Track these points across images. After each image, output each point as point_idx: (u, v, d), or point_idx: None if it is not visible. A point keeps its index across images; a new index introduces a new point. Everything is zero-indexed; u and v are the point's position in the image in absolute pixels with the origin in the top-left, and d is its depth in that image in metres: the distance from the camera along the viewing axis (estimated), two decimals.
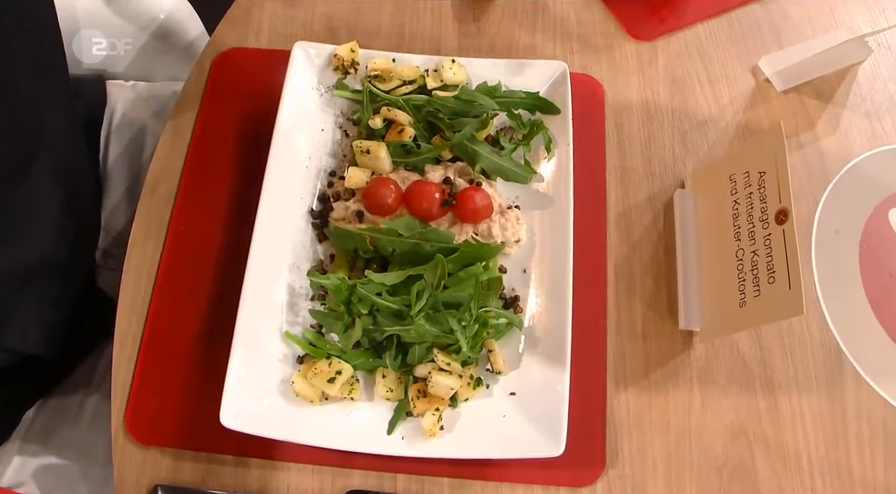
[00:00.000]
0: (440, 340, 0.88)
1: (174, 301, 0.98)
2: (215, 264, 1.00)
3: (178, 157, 1.07)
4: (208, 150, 1.07)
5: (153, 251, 1.01)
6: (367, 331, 0.89)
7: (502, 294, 0.95)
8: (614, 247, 1.03)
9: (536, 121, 1.02)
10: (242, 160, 1.06)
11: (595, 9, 1.20)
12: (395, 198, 0.94)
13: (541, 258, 0.97)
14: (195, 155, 1.07)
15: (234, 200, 1.03)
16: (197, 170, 1.06)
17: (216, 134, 1.08)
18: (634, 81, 1.15)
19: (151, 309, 0.98)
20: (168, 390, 0.94)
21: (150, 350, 0.96)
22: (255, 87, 1.11)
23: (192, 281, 0.99)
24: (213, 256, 1.00)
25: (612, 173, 1.08)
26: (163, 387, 0.94)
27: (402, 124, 0.99)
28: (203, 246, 1.01)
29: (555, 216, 0.98)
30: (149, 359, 0.95)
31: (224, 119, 1.09)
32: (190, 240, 1.02)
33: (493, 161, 0.97)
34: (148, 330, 0.97)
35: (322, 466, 0.90)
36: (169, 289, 0.99)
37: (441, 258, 0.87)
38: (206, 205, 1.03)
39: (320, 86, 1.05)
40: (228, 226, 1.02)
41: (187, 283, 0.99)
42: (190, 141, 1.08)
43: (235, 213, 1.02)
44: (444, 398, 0.88)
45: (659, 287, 1.01)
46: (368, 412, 0.89)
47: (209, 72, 1.13)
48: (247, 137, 1.07)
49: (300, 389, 0.87)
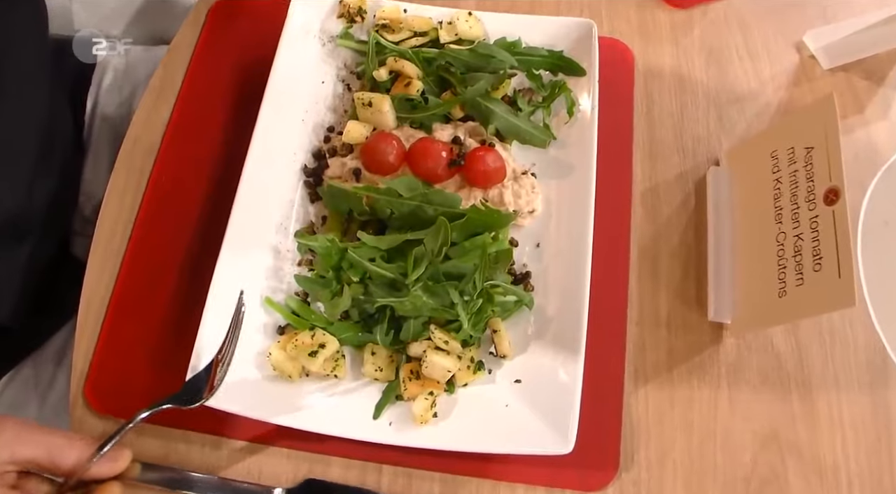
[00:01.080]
0: (438, 315, 0.75)
1: (149, 260, 0.87)
2: (196, 222, 0.88)
3: (165, 108, 0.95)
4: (198, 102, 0.95)
5: (130, 205, 0.90)
6: (357, 302, 0.76)
7: (512, 269, 0.83)
8: (639, 226, 0.90)
9: (558, 82, 0.89)
10: (234, 113, 0.94)
11: None
12: (398, 155, 0.81)
13: (557, 232, 0.84)
14: (183, 106, 0.95)
15: (222, 155, 0.91)
16: (184, 122, 0.94)
17: (208, 85, 0.96)
18: (667, 50, 1.02)
19: (123, 268, 0.86)
20: (134, 356, 0.82)
21: (119, 311, 0.84)
22: (252, 38, 0.99)
23: (170, 239, 0.87)
24: (194, 213, 0.88)
25: (639, 145, 0.95)
26: (129, 353, 0.82)
27: (410, 77, 0.86)
28: (185, 201, 0.89)
29: (574, 187, 0.85)
30: (116, 322, 0.83)
31: (217, 70, 0.97)
32: (171, 194, 0.90)
33: (508, 121, 0.85)
34: (118, 290, 0.85)
35: (298, 451, 0.78)
36: (144, 248, 0.87)
37: (444, 221, 0.74)
38: (191, 158, 0.92)
39: (322, 36, 0.93)
40: (213, 182, 0.90)
41: (165, 241, 0.87)
42: (179, 91, 0.96)
43: (222, 169, 0.90)
44: (439, 381, 0.75)
45: (687, 273, 0.88)
46: (354, 393, 0.76)
47: (204, 21, 1.01)
48: (240, 90, 0.95)
49: (278, 362, 0.75)
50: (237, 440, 0.78)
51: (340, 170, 0.84)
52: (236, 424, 0.77)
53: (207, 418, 0.75)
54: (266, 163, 0.84)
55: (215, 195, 0.88)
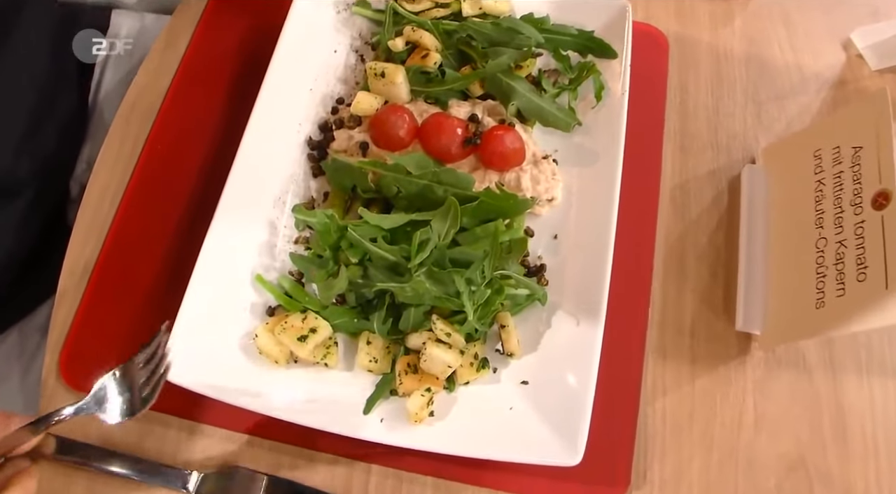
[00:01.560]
0: (442, 305, 0.68)
1: (138, 230, 0.80)
2: (190, 193, 0.81)
3: (167, 74, 0.88)
4: (201, 68, 0.89)
5: (123, 171, 0.83)
6: (355, 285, 0.69)
7: (525, 261, 0.75)
8: (666, 224, 0.82)
9: (587, 64, 0.82)
10: (238, 82, 0.87)
11: None
12: (409, 130, 0.74)
13: (577, 224, 0.77)
14: (186, 72, 0.88)
15: (223, 125, 0.84)
16: (185, 89, 0.87)
17: (213, 51, 0.90)
18: (705, 40, 0.94)
19: (110, 237, 0.79)
20: (114, 330, 0.75)
21: (102, 282, 0.77)
22: (263, 3, 0.92)
23: (161, 209, 0.81)
24: (189, 183, 0.81)
25: (670, 138, 0.87)
26: (109, 327, 0.75)
27: (428, 48, 0.79)
28: (180, 171, 0.82)
29: (599, 177, 0.77)
30: (98, 293, 0.77)
31: (224, 35, 0.91)
32: (166, 163, 0.83)
33: (531, 100, 0.77)
34: (102, 259, 0.78)
35: (282, 444, 0.71)
36: (134, 217, 0.81)
37: (454, 202, 0.67)
38: (189, 126, 0.85)
39: (337, 2, 0.86)
40: (211, 153, 0.83)
41: (155, 212, 0.80)
42: (183, 57, 0.90)
43: (221, 139, 0.83)
44: (438, 377, 0.68)
45: (715, 277, 0.80)
46: (345, 384, 0.69)
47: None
48: (247, 57, 0.89)
49: (264, 345, 0.68)
50: (217, 427, 0.71)
51: (346, 144, 0.77)
52: (216, 410, 0.70)
53: (186, 402, 0.68)
54: (268, 133, 0.77)
55: (212, 166, 0.81)
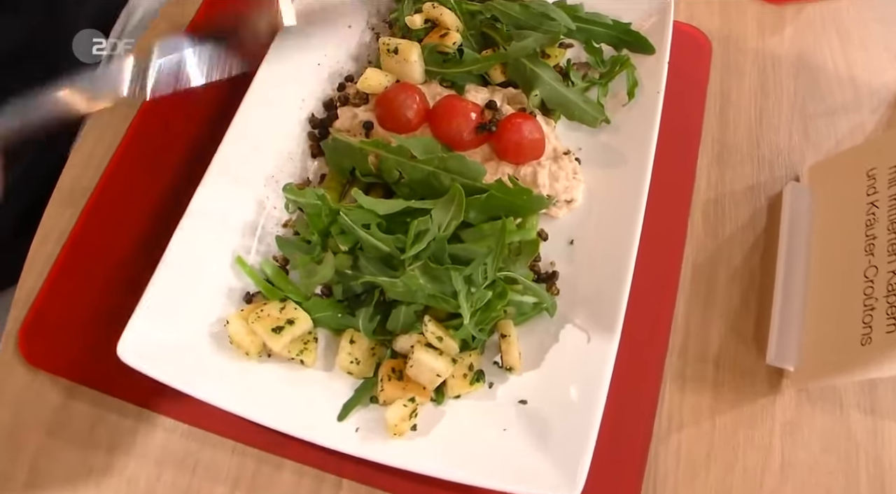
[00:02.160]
0: (436, 305, 0.59)
1: (121, 200, 0.73)
2: (181, 164, 0.74)
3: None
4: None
5: (113, 136, 0.77)
6: (343, 277, 0.62)
7: (536, 266, 0.67)
8: (697, 240, 0.74)
9: (621, 58, 0.74)
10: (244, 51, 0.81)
11: None
12: (419, 112, 0.67)
13: (596, 231, 0.69)
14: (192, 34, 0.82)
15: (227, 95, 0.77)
16: None
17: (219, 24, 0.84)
18: (751, 46, 0.86)
19: (88, 206, 0.73)
20: (81, 305, 0.68)
21: (75, 252, 0.70)
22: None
23: (148, 179, 0.74)
24: (182, 153, 0.74)
25: (707, 147, 0.79)
26: (76, 301, 0.68)
27: (447, 27, 0.72)
28: (175, 139, 0.75)
29: (625, 181, 0.69)
30: (69, 263, 0.70)
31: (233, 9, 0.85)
32: (161, 130, 0.76)
33: (556, 90, 0.69)
34: (78, 229, 0.72)
35: (247, 446, 0.63)
36: (118, 185, 0.74)
37: (459, 189, 0.59)
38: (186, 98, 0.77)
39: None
40: (205, 127, 0.76)
41: (142, 181, 0.74)
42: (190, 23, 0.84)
43: (217, 114, 0.76)
44: (425, 387, 0.59)
45: (747, 302, 0.71)
46: (321, 385, 0.61)
47: None
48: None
49: (235, 334, 0.60)
50: (177, 421, 0.64)
51: (350, 123, 0.69)
52: (178, 402, 0.62)
53: (146, 390, 0.60)
54: (267, 106, 0.70)
55: (209, 139, 0.73)
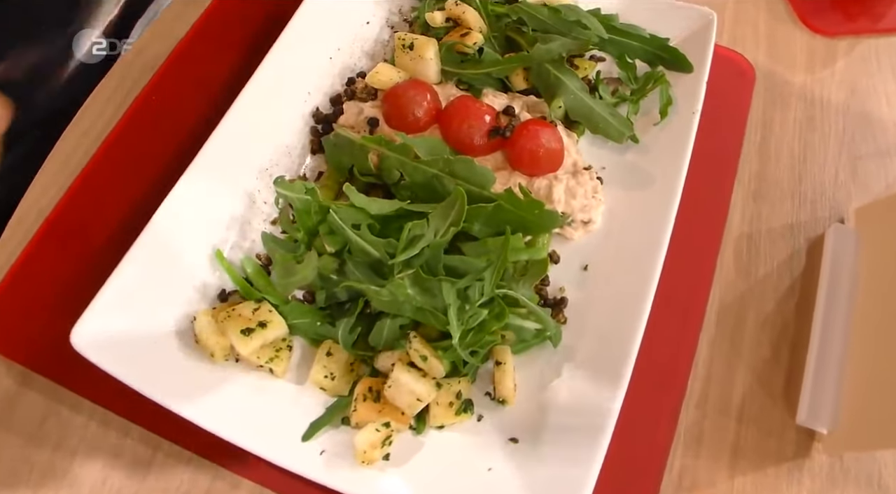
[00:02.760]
0: (425, 320, 0.53)
1: (106, 184, 0.68)
2: (175, 153, 0.68)
3: (184, 22, 0.78)
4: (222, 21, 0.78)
5: (109, 118, 0.73)
6: (327, 282, 0.55)
7: (543, 289, 0.60)
8: (726, 278, 0.66)
9: (656, 74, 0.68)
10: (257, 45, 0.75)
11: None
12: (429, 111, 0.61)
13: (614, 258, 0.62)
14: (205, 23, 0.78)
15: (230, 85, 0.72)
16: (199, 41, 0.76)
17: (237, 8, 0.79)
18: (799, 78, 0.79)
19: (74, 187, 0.68)
20: (49, 290, 0.63)
21: (50, 235, 0.66)
22: None
23: (139, 166, 0.69)
24: (176, 142, 0.69)
25: (744, 179, 0.72)
26: (44, 285, 0.63)
27: (469, 26, 0.67)
28: (171, 127, 0.71)
29: (650, 206, 0.62)
30: (42, 246, 0.65)
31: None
32: (157, 116, 0.72)
33: (580, 99, 0.63)
34: (58, 210, 0.67)
35: (203, 458, 0.56)
36: (106, 168, 0.69)
37: (462, 192, 0.53)
38: (193, 81, 0.74)
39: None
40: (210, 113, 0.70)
41: (132, 167, 0.69)
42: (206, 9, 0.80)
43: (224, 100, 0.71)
44: (404, 411, 0.52)
45: (778, 353, 0.63)
46: (290, 399, 0.54)
47: None
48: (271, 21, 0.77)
49: (202, 332, 0.54)
50: (133, 424, 0.57)
51: (355, 119, 0.64)
52: (135, 403, 0.54)
53: (103, 386, 0.54)
54: (270, 94, 0.65)
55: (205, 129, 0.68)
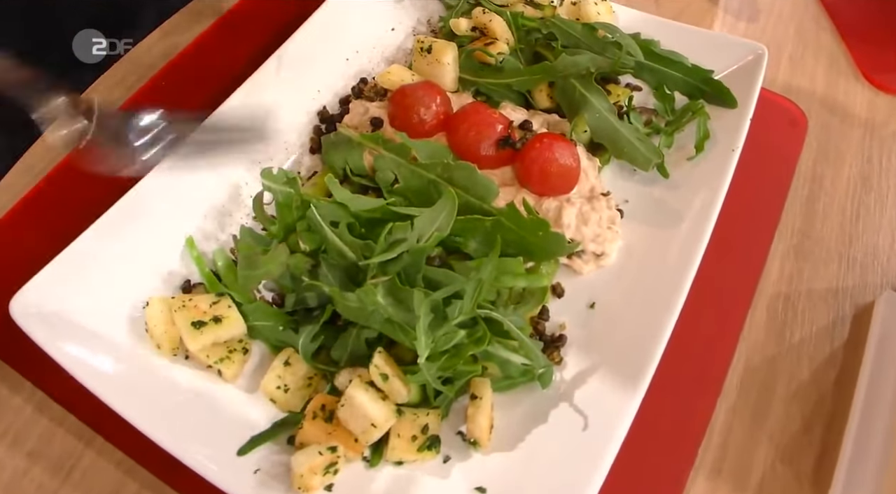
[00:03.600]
0: (393, 335, 0.46)
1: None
2: None
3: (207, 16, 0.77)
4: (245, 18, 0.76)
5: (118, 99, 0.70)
6: (297, 285, 0.49)
7: (542, 323, 0.53)
8: (755, 338, 0.58)
9: (696, 105, 0.62)
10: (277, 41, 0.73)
11: (825, 31, 0.80)
12: (437, 115, 0.56)
13: (626, 298, 0.54)
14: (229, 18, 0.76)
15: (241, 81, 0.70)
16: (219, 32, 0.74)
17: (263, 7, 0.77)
18: (857, 134, 0.72)
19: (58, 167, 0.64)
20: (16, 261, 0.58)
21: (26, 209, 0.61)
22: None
23: None
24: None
25: (785, 233, 0.64)
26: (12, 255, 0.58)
27: (495, 36, 0.62)
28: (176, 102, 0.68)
29: (673, 246, 0.55)
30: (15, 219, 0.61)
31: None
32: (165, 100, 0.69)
33: (606, 119, 0.57)
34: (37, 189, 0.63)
35: (133, 462, 0.50)
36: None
37: (453, 195, 0.47)
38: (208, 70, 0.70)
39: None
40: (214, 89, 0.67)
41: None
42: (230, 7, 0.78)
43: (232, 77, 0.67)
44: (357, 438, 0.45)
45: (810, 430, 0.54)
46: (234, 408, 0.48)
47: None
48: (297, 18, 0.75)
49: (152, 319, 0.48)
50: (69, 413, 0.51)
51: (360, 119, 0.59)
52: (75, 392, 0.49)
53: (45, 369, 0.48)
54: (276, 86, 0.61)
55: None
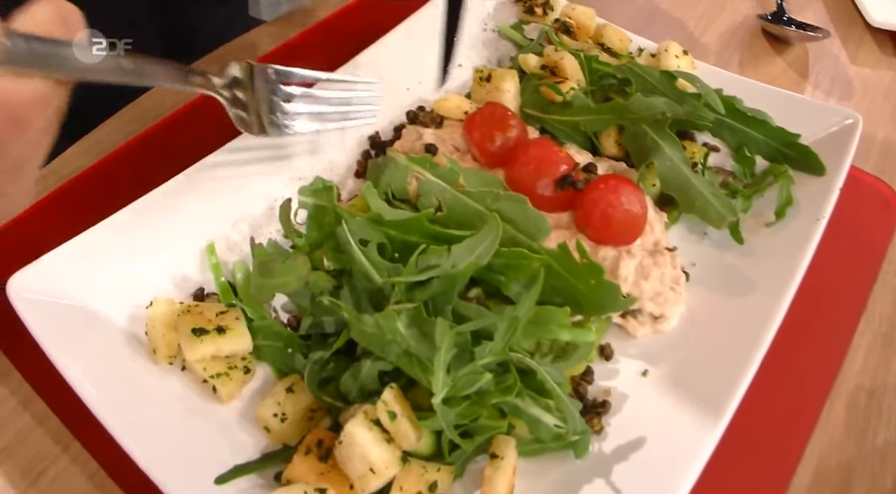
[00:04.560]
0: (410, 371, 0.40)
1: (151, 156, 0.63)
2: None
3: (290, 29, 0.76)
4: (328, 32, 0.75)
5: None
6: (316, 308, 0.45)
7: (583, 384, 0.46)
8: (831, 435, 0.50)
9: (779, 168, 0.56)
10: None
11: None
12: (516, 141, 0.52)
13: (684, 371, 0.47)
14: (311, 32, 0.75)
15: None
16: (299, 44, 0.73)
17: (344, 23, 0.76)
18: None
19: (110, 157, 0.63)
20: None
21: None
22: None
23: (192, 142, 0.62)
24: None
25: (872, 321, 0.56)
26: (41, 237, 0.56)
27: (565, 75, 0.58)
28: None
29: (741, 320, 0.49)
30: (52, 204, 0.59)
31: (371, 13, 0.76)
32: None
33: (678, 169, 0.51)
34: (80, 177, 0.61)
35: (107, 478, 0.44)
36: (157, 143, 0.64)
37: (498, 223, 0.41)
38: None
39: (487, 19, 0.70)
40: None
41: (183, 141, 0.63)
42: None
43: None
44: (353, 482, 0.38)
45: None
46: (224, 432, 0.42)
47: None
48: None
49: (152, 321, 0.44)
50: (52, 413, 0.47)
51: (412, 144, 0.55)
52: (60, 390, 0.44)
53: (32, 355, 0.43)
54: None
55: None
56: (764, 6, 0.84)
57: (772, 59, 0.79)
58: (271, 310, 0.49)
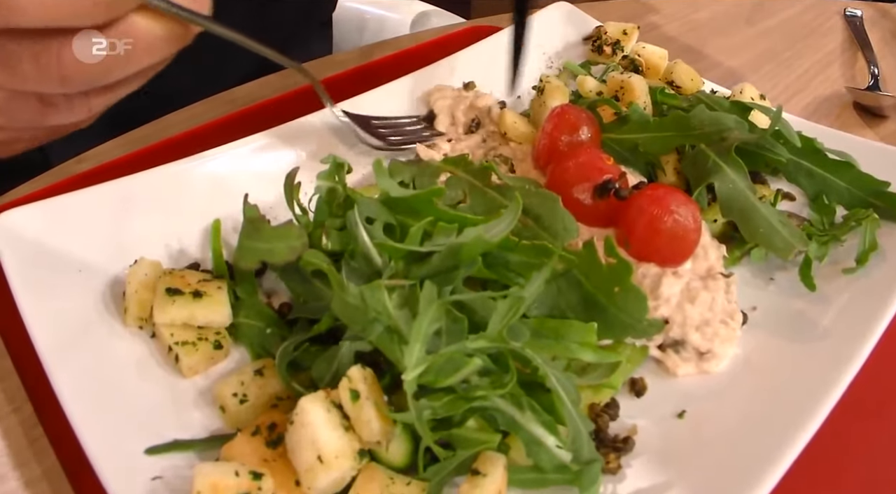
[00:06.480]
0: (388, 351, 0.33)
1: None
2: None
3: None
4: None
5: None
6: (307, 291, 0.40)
7: (604, 416, 0.38)
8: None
9: (863, 213, 0.48)
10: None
11: None
12: (594, 134, 0.49)
13: (727, 421, 0.39)
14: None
15: None
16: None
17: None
18: None
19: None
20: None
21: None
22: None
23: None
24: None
25: None
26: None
27: (632, 95, 0.53)
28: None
29: (804, 372, 0.41)
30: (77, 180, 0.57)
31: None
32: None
33: (741, 193, 0.44)
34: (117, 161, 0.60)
35: (48, 445, 0.39)
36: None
37: (519, 202, 0.36)
38: None
39: (552, 57, 0.67)
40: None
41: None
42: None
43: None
44: (300, 475, 0.32)
45: None
46: (176, 404, 0.37)
47: None
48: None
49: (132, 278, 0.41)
50: (14, 368, 0.42)
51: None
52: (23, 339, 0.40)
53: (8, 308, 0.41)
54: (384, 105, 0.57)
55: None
56: (856, 82, 0.78)
57: (863, 131, 0.72)
58: (263, 295, 0.45)
